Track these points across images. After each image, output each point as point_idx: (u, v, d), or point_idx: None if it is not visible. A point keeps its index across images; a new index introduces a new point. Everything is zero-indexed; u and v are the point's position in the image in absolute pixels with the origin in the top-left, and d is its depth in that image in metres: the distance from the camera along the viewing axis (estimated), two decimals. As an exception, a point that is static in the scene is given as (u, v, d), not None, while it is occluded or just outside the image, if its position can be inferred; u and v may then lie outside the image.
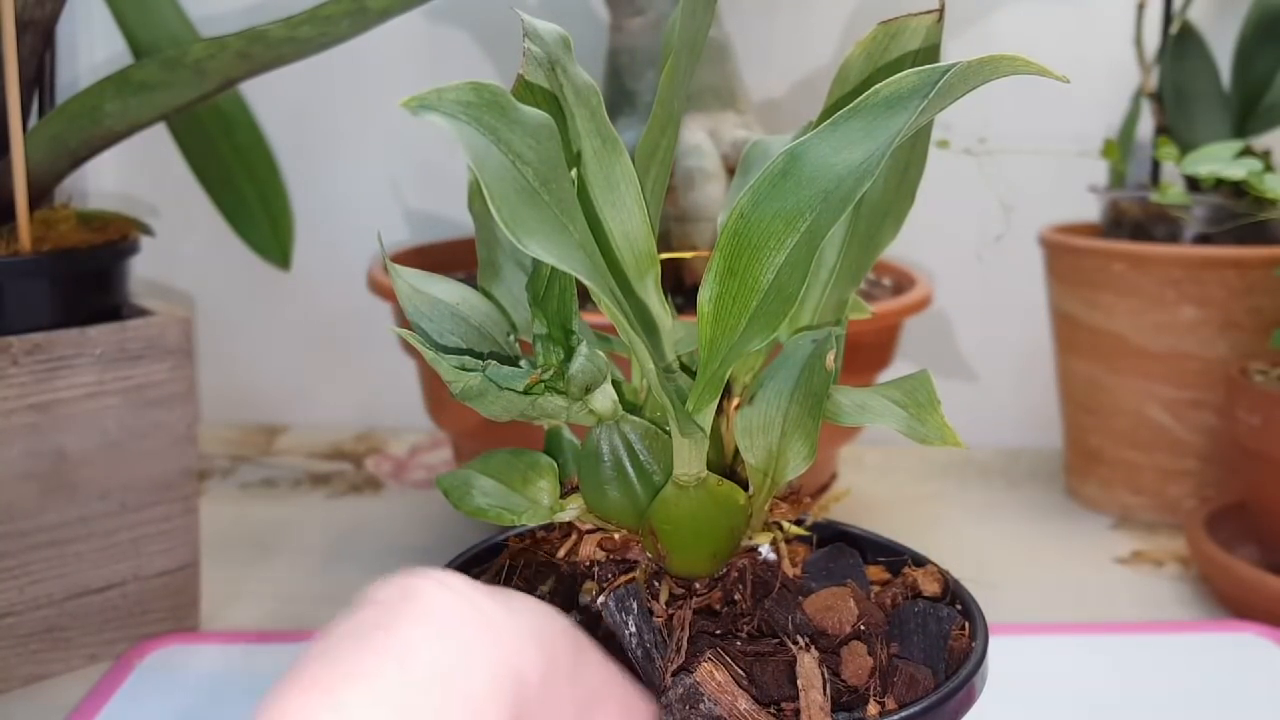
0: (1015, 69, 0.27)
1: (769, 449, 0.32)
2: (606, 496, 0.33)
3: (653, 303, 0.33)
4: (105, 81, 0.54)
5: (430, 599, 0.22)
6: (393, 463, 0.92)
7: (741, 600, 0.32)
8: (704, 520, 0.31)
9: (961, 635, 0.32)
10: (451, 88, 0.25)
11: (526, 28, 0.31)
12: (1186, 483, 0.78)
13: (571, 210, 0.27)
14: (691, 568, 0.33)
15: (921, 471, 0.90)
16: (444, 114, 0.24)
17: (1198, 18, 0.84)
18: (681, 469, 0.31)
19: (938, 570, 0.36)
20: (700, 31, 0.33)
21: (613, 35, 0.72)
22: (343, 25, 0.53)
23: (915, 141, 0.34)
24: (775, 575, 0.33)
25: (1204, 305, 0.74)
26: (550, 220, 0.26)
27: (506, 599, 0.24)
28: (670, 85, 0.32)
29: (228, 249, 0.87)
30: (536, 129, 0.26)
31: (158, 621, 0.59)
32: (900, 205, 0.35)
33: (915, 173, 0.35)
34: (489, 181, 0.25)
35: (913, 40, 0.33)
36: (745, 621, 0.32)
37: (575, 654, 0.25)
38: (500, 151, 0.25)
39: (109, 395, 0.56)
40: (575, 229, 0.27)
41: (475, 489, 0.35)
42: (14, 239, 0.56)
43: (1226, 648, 0.59)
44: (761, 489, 0.33)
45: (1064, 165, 0.82)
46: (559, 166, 0.27)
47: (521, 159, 0.26)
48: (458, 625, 0.22)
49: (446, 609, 0.22)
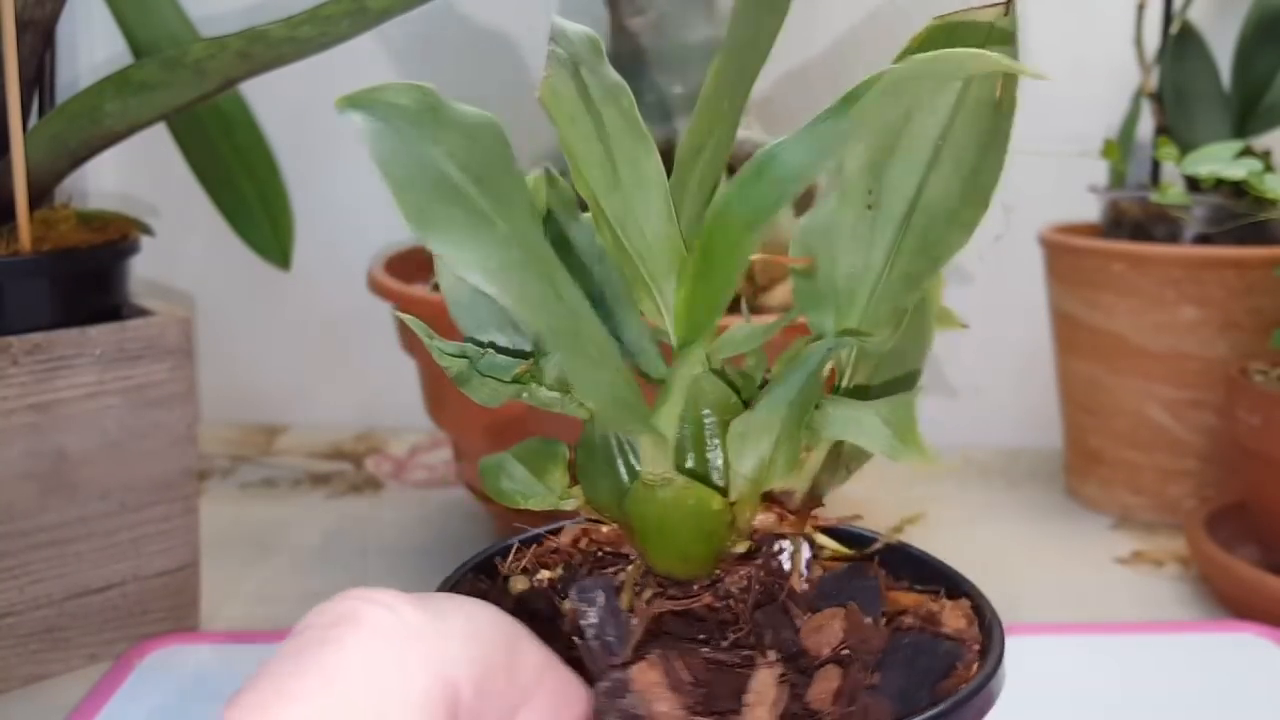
0: (982, 67, 0.25)
1: (760, 457, 0.32)
2: (598, 488, 0.33)
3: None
4: (105, 81, 0.54)
5: (361, 619, 0.23)
6: (393, 463, 0.92)
7: (735, 607, 0.32)
8: (673, 521, 0.31)
9: (964, 676, 0.31)
10: (380, 87, 0.25)
11: (554, 29, 0.31)
12: (1186, 483, 0.78)
13: (509, 207, 0.27)
14: (668, 567, 0.33)
15: (921, 472, 0.90)
16: (366, 113, 0.25)
17: (1198, 18, 0.84)
18: (646, 467, 0.31)
19: (971, 606, 0.34)
20: (763, 32, 0.31)
21: (614, 36, 0.72)
22: (343, 25, 0.53)
23: (989, 145, 0.31)
24: (783, 587, 0.33)
25: (1204, 305, 0.74)
26: (471, 217, 0.26)
27: (438, 607, 0.24)
28: (717, 84, 0.32)
29: (228, 249, 0.87)
30: (472, 128, 0.27)
31: (157, 621, 0.59)
32: (968, 212, 0.32)
33: (988, 179, 0.31)
34: (397, 179, 0.25)
35: (971, 38, 0.30)
36: (733, 629, 0.31)
37: (510, 647, 0.25)
38: (420, 150, 0.26)
39: (109, 395, 0.56)
40: (510, 223, 0.27)
41: (505, 473, 0.35)
42: (14, 239, 0.56)
43: (1226, 648, 0.59)
44: (746, 496, 0.32)
45: (1064, 165, 0.82)
46: (499, 164, 0.27)
47: (452, 158, 0.26)
48: (387, 643, 0.23)
49: (376, 628, 0.23)
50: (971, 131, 0.31)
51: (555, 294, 0.28)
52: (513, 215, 0.27)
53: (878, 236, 0.32)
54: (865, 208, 0.32)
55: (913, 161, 0.31)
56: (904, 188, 0.31)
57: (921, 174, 0.31)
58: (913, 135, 0.31)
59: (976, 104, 0.30)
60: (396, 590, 0.24)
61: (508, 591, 0.34)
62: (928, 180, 0.31)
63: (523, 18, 0.92)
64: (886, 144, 0.31)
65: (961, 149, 0.31)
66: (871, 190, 0.32)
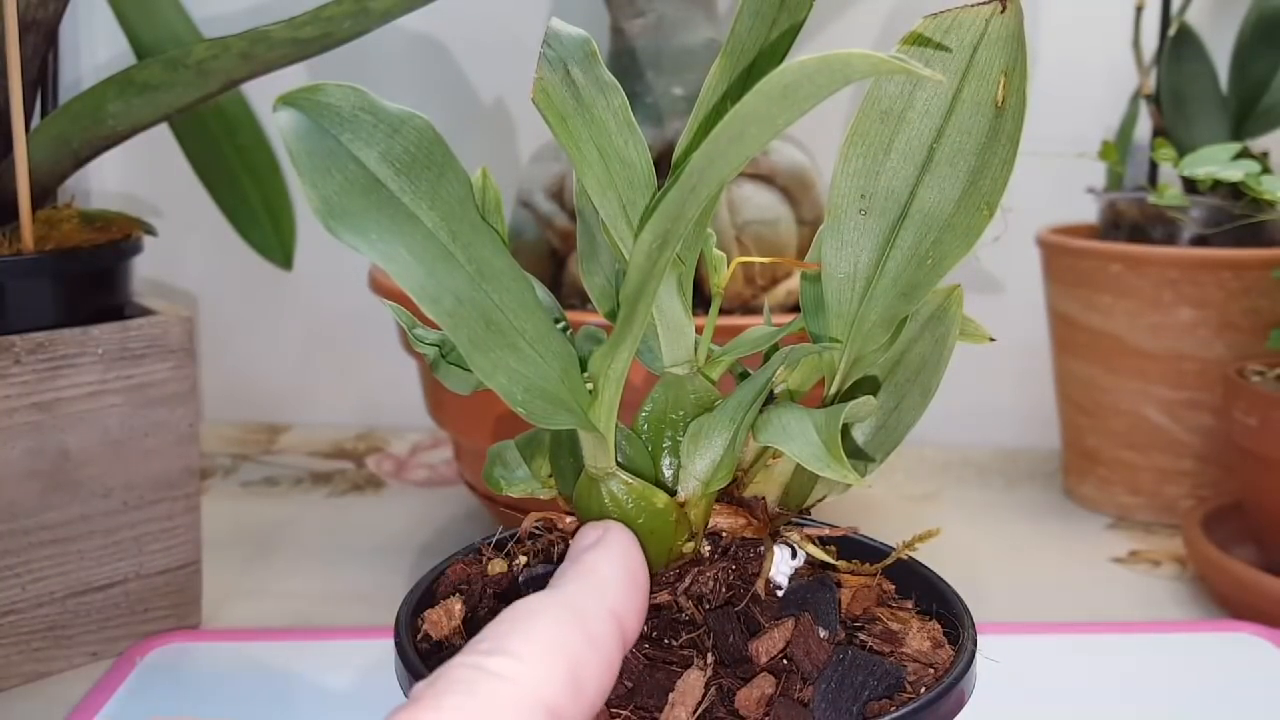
0: (871, 67, 0.22)
1: (713, 459, 0.32)
2: (564, 480, 0.33)
3: (668, 303, 0.33)
4: (108, 82, 0.55)
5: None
6: (394, 462, 0.92)
7: (687, 607, 0.32)
8: (615, 516, 0.31)
9: (890, 704, 0.30)
10: (313, 87, 0.26)
11: (549, 31, 0.31)
12: (1183, 483, 0.78)
13: (437, 201, 0.28)
14: None
15: (919, 472, 0.90)
16: (293, 110, 0.26)
17: (1196, 20, 0.84)
18: (589, 462, 0.31)
19: (940, 630, 0.33)
20: (781, 30, 0.31)
21: (613, 37, 0.72)
22: (345, 26, 0.53)
23: (989, 147, 0.30)
24: (747, 591, 0.32)
25: (1201, 306, 0.74)
26: (386, 210, 0.27)
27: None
28: (717, 85, 0.32)
29: (230, 249, 0.88)
30: (398, 124, 0.27)
31: (159, 619, 0.60)
32: (968, 219, 0.31)
33: (991, 185, 0.30)
34: (307, 172, 0.26)
35: (967, 36, 0.29)
36: (686, 629, 0.31)
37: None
38: (336, 144, 0.26)
39: (111, 394, 0.56)
40: (438, 217, 0.27)
41: (500, 460, 0.36)
42: (17, 238, 0.56)
43: (1223, 648, 0.59)
44: (697, 497, 0.32)
45: (1062, 167, 0.82)
46: (426, 160, 0.28)
47: (372, 152, 0.27)
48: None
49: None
50: (968, 133, 0.30)
51: (472, 286, 0.28)
52: (441, 209, 0.28)
53: (868, 241, 0.32)
54: (859, 212, 0.32)
55: (906, 164, 0.31)
56: (897, 191, 0.31)
57: (915, 177, 0.31)
58: (907, 137, 0.31)
59: (973, 105, 0.30)
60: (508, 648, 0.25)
61: (486, 572, 0.35)
62: (922, 183, 0.31)
63: (526, 19, 0.93)
64: (881, 146, 0.31)
65: (957, 151, 0.30)
66: (865, 194, 0.32)
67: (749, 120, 0.23)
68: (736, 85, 0.31)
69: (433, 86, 0.95)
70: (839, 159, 0.31)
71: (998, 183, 0.30)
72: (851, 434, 0.36)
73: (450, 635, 0.32)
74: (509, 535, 0.36)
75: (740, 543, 0.33)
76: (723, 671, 0.30)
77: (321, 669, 0.55)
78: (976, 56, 0.29)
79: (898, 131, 0.31)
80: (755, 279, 0.71)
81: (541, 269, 0.73)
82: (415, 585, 0.35)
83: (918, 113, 0.30)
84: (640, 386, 0.36)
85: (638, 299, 0.28)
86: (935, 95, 0.30)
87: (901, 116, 0.31)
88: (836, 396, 0.34)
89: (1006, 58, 0.29)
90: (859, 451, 0.36)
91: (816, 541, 0.35)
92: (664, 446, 0.33)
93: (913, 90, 0.30)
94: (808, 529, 0.36)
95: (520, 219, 0.74)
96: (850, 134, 0.31)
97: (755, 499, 0.34)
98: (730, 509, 0.34)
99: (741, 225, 0.70)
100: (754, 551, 0.33)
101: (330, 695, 0.53)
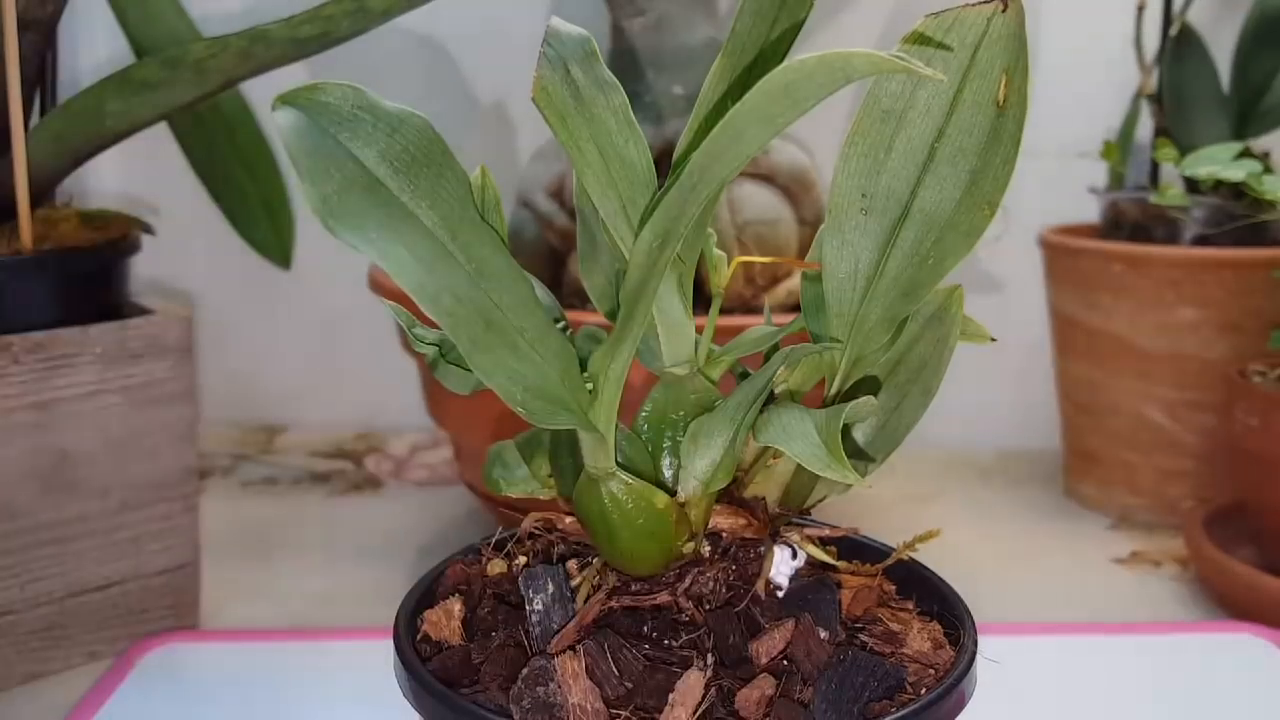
0: (870, 67, 0.22)
1: (712, 459, 0.32)
2: (565, 480, 0.33)
3: (669, 303, 0.33)
4: (107, 81, 0.54)
5: None
6: (393, 461, 0.92)
7: (687, 607, 0.32)
8: (615, 516, 0.31)
9: (891, 705, 0.30)
10: (311, 86, 0.26)
11: (549, 30, 0.31)
12: (1185, 483, 0.78)
13: (437, 200, 0.28)
14: (618, 563, 0.33)
15: (921, 472, 0.90)
16: (292, 109, 0.26)
17: (1197, 20, 0.84)
18: (589, 462, 0.31)
19: (941, 630, 0.33)
20: (782, 30, 0.31)
21: (614, 36, 0.72)
22: (344, 25, 0.53)
23: (990, 147, 0.30)
24: (747, 592, 0.32)
25: (1203, 306, 0.74)
26: (390, 209, 0.27)
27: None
28: (716, 84, 0.32)
29: (229, 248, 0.87)
30: (397, 124, 0.27)
31: (158, 619, 0.60)
32: (968, 218, 0.31)
33: (992, 185, 0.30)
34: (307, 171, 0.26)
35: (968, 35, 0.29)
36: (686, 630, 0.31)
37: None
38: (335, 144, 0.26)
39: (110, 394, 0.56)
40: (436, 216, 0.27)
41: (499, 460, 0.36)
42: (15, 237, 0.56)
43: (1224, 648, 0.59)
44: (697, 497, 0.32)
45: (1063, 166, 0.82)
46: (425, 159, 0.28)
47: (371, 152, 0.27)
48: None
49: None
50: (969, 133, 0.30)
51: (471, 285, 0.27)
52: (440, 208, 0.28)
53: (868, 241, 0.32)
54: (860, 212, 0.32)
55: (907, 164, 0.31)
56: (898, 191, 0.31)
57: (915, 176, 0.31)
58: (908, 136, 0.30)
59: (974, 104, 0.30)
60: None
61: (486, 573, 0.35)
62: (923, 183, 0.31)
63: (526, 19, 0.92)
64: (882, 145, 0.31)
65: (959, 151, 0.30)
66: (866, 194, 0.31)
67: (749, 119, 0.23)
68: (737, 84, 0.31)
69: (432, 86, 0.95)
70: (840, 158, 0.31)
71: (999, 182, 0.30)
72: (852, 434, 0.36)
73: (450, 635, 0.32)
74: (509, 535, 0.36)
75: (740, 543, 0.33)
76: (723, 672, 0.30)
77: (320, 669, 0.55)
78: (978, 56, 0.29)
79: (899, 131, 0.31)
80: (756, 279, 0.71)
81: (541, 269, 0.73)
82: (415, 585, 0.35)
83: (919, 112, 0.30)
84: (640, 386, 0.36)
85: (638, 298, 0.28)
86: (936, 95, 0.30)
87: (903, 116, 0.30)
88: (837, 396, 0.34)
89: (1008, 57, 0.29)
90: (860, 451, 0.35)
91: (817, 542, 0.35)
92: (664, 447, 0.33)
93: (914, 90, 0.30)
94: (808, 529, 0.36)
95: (520, 218, 0.74)
96: (851, 133, 0.31)
97: (755, 499, 0.34)
98: (730, 509, 0.34)
99: (742, 225, 0.69)
100: (754, 552, 0.33)
101: (330, 696, 0.53)
